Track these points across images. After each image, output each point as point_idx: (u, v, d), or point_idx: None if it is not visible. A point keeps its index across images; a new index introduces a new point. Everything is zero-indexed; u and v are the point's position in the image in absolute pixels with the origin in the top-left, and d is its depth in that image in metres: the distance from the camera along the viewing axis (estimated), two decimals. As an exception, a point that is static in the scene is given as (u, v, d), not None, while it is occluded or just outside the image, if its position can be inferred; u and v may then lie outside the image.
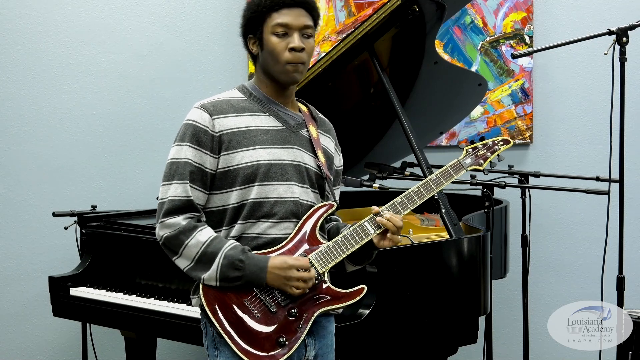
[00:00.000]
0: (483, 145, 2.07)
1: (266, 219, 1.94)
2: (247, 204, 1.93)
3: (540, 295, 4.02)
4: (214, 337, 1.94)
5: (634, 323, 2.81)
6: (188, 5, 4.00)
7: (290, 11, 1.95)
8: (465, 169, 2.03)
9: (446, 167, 2.02)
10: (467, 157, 2.05)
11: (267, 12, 1.95)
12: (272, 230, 1.94)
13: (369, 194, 3.61)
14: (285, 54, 1.94)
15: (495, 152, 2.07)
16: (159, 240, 1.95)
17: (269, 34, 1.95)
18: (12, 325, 3.91)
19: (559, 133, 4.07)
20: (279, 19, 1.94)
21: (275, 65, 1.95)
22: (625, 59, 2.59)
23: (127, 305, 2.93)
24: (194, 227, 1.91)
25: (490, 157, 2.06)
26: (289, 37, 1.94)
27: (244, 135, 1.94)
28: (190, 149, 1.92)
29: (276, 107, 2.01)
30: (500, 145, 2.08)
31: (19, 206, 3.89)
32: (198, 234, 1.90)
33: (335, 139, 2.16)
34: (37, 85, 3.88)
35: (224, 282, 1.88)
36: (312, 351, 1.98)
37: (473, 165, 2.04)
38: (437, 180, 2.00)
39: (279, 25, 1.94)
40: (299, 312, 1.91)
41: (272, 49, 1.94)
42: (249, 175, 1.92)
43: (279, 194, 1.94)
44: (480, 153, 2.06)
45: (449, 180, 2.00)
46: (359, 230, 1.95)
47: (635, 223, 3.92)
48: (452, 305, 2.59)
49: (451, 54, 3.99)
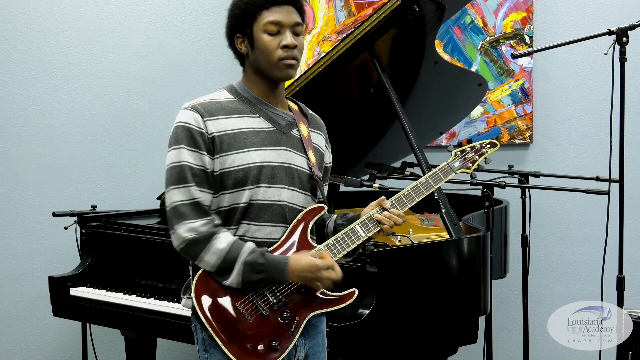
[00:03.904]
0: (471, 148, 2.12)
1: (253, 222, 1.93)
2: (239, 207, 1.92)
3: (540, 295, 4.02)
4: (204, 340, 1.93)
5: (634, 323, 2.81)
6: (188, 5, 4.00)
7: (281, 9, 1.94)
8: (454, 172, 2.08)
9: (435, 170, 2.06)
10: (456, 160, 2.09)
11: (257, 10, 1.93)
12: (258, 234, 1.94)
13: (369, 194, 3.61)
14: (278, 51, 1.92)
15: (482, 155, 2.12)
16: (176, 244, 1.90)
17: (260, 32, 1.93)
18: (12, 325, 3.91)
19: (559, 133, 4.07)
20: (270, 17, 1.92)
21: (269, 63, 1.94)
22: (625, 59, 2.59)
23: (127, 305, 2.93)
24: (211, 234, 1.88)
25: (478, 160, 2.11)
26: (281, 34, 1.93)
27: (235, 137, 1.93)
28: (188, 152, 1.90)
29: (266, 108, 2.00)
30: (488, 148, 2.13)
31: (19, 206, 3.89)
32: (216, 241, 1.88)
33: (326, 135, 2.16)
34: (37, 85, 3.88)
35: (248, 285, 1.88)
36: (303, 351, 1.98)
37: (462, 168, 2.09)
38: (427, 183, 2.04)
39: (271, 23, 1.92)
40: (291, 316, 1.91)
41: (264, 47, 1.93)
42: (241, 179, 1.91)
43: (268, 196, 1.94)
44: (469, 156, 2.11)
45: (439, 184, 2.04)
46: (350, 233, 1.97)
47: (635, 223, 3.92)
48: (452, 305, 2.59)
49: (451, 54, 4.00)
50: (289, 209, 1.97)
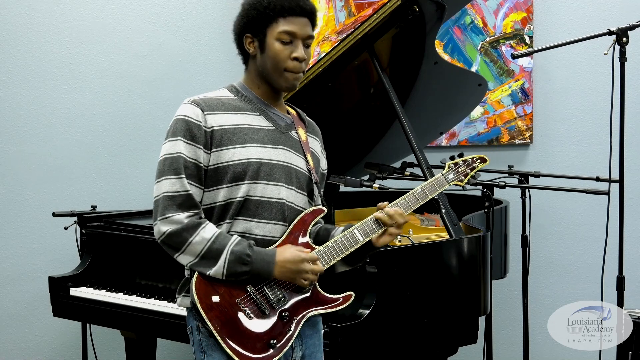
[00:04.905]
0: (463, 162, 2.16)
1: (252, 219, 1.94)
2: (235, 202, 1.92)
3: (540, 295, 4.02)
4: (201, 342, 1.93)
5: (634, 323, 2.81)
6: (188, 5, 4.00)
7: (297, 20, 1.93)
8: (448, 183, 2.13)
9: (431, 181, 2.09)
10: (450, 172, 2.13)
11: (274, 16, 1.92)
12: (257, 231, 1.94)
13: (369, 194, 3.61)
14: (288, 62, 1.93)
15: (473, 170, 2.16)
16: (158, 237, 1.91)
17: (273, 39, 1.93)
18: (12, 325, 3.91)
19: (559, 133, 4.07)
20: (286, 26, 1.92)
21: (275, 71, 1.95)
22: (625, 59, 2.59)
23: (127, 305, 2.93)
24: (198, 224, 1.89)
25: (470, 173, 2.15)
26: (293, 45, 1.93)
27: (235, 132, 1.93)
28: (184, 144, 1.90)
29: (266, 108, 2.01)
30: (478, 163, 2.17)
31: (19, 206, 3.89)
32: (202, 230, 1.88)
33: (322, 142, 2.17)
34: (37, 85, 3.88)
35: (231, 277, 1.88)
36: (299, 352, 1.99)
37: (455, 180, 2.14)
38: (423, 193, 2.06)
39: (286, 32, 1.92)
40: (290, 315, 1.92)
41: (274, 55, 1.93)
42: (239, 173, 1.91)
43: (267, 194, 1.94)
44: (461, 169, 2.14)
45: (434, 194, 2.08)
46: (348, 236, 1.97)
47: (635, 223, 3.92)
48: (452, 305, 2.59)
49: (451, 54, 3.99)
50: (288, 207, 1.97)
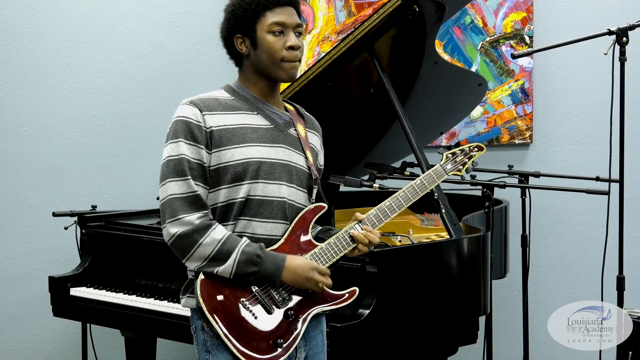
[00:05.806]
0: (460, 151, 2.17)
1: (253, 218, 1.93)
2: (237, 202, 1.92)
3: (540, 295, 4.02)
4: (205, 341, 1.92)
5: (634, 323, 2.81)
6: (188, 5, 4.00)
7: (284, 10, 1.96)
8: (446, 174, 2.13)
9: (429, 172, 2.10)
10: (448, 162, 2.14)
11: (261, 11, 1.95)
12: (259, 230, 1.94)
13: (369, 194, 3.61)
14: (284, 51, 1.94)
15: (471, 158, 2.16)
16: (168, 239, 1.89)
17: (264, 33, 1.94)
18: (12, 325, 3.91)
19: (559, 133, 4.07)
20: (274, 17, 1.94)
21: (273, 64, 1.95)
22: (625, 59, 2.59)
23: (127, 305, 2.93)
24: (208, 225, 1.88)
25: (467, 162, 2.16)
26: (285, 35, 1.95)
27: (233, 132, 1.93)
28: (186, 145, 1.90)
29: (264, 106, 2.01)
30: (475, 151, 2.17)
31: (19, 206, 3.89)
32: (212, 232, 1.87)
33: (321, 137, 2.17)
34: (37, 85, 3.88)
35: (239, 276, 1.87)
36: (303, 352, 1.98)
37: (453, 170, 2.14)
38: (422, 185, 2.06)
39: (276, 23, 1.94)
40: (295, 314, 1.92)
41: (268, 47, 1.94)
42: (239, 173, 1.91)
43: (267, 193, 1.94)
44: (459, 159, 2.15)
45: (432, 185, 2.08)
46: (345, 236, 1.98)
47: (635, 223, 3.92)
48: (452, 305, 2.59)
49: (451, 54, 3.99)
50: (289, 206, 1.97)
